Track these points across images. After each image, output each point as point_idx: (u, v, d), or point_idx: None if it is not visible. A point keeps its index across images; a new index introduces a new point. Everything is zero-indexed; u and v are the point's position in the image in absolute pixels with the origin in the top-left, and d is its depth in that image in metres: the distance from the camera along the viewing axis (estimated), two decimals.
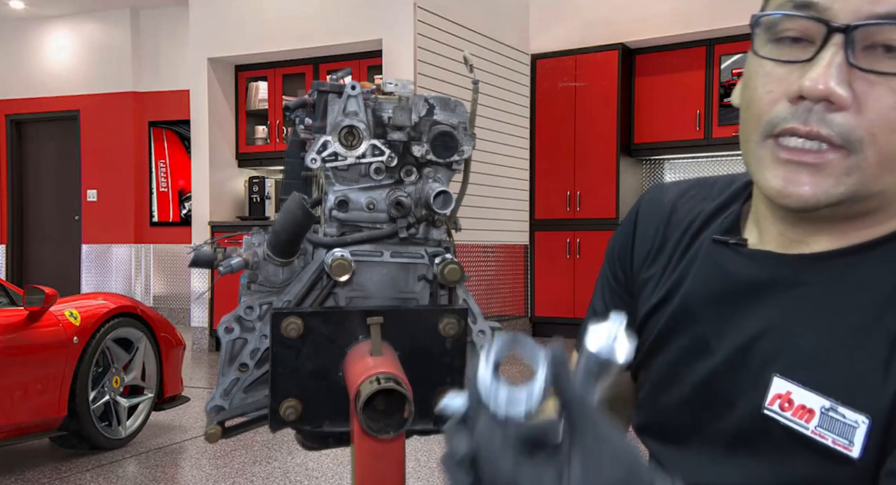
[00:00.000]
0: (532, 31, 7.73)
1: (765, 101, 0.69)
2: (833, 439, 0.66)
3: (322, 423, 0.87)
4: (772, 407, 0.70)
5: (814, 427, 0.68)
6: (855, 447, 0.65)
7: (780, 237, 0.76)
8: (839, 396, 0.67)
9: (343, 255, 0.88)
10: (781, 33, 0.69)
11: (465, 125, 0.94)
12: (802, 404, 0.68)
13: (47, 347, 3.78)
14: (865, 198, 0.68)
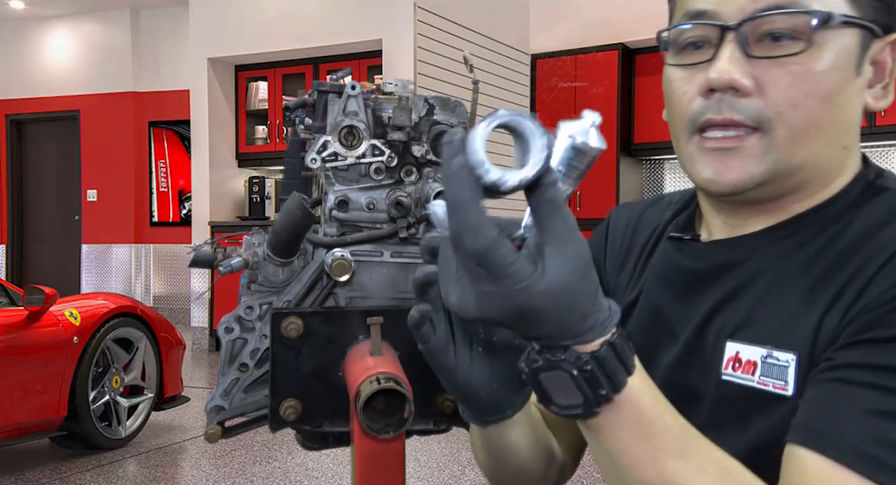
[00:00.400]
0: (532, 31, 7.74)
1: (683, 102, 0.79)
2: (773, 383, 0.74)
3: (322, 423, 0.87)
4: (727, 371, 0.77)
5: (758, 378, 0.75)
6: (789, 386, 0.73)
7: (724, 226, 0.84)
8: (774, 343, 0.74)
9: (343, 255, 0.88)
10: (684, 42, 0.79)
11: (465, 125, 0.94)
12: (748, 359, 0.76)
13: (47, 347, 3.78)
14: (786, 174, 0.76)
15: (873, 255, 0.72)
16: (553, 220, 0.56)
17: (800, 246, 0.78)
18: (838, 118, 0.76)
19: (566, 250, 0.56)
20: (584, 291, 0.58)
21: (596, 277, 0.59)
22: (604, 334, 0.60)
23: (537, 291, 0.56)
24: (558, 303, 0.57)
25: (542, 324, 0.58)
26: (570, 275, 0.57)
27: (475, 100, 0.96)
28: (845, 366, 0.68)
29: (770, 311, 0.76)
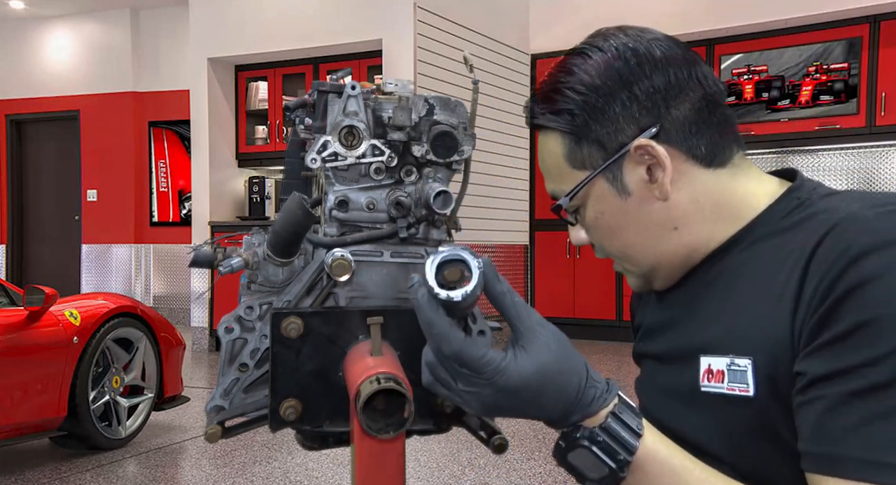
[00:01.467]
0: (532, 31, 7.73)
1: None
2: (738, 387, 0.84)
3: (322, 423, 0.87)
4: (704, 383, 0.88)
5: (727, 384, 0.85)
6: (749, 387, 0.82)
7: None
8: (734, 351, 0.85)
9: (343, 255, 0.88)
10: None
11: (465, 125, 0.94)
12: (718, 369, 0.86)
13: (47, 347, 3.78)
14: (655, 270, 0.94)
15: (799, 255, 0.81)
16: (520, 319, 0.72)
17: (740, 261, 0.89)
18: (643, 227, 0.90)
19: (536, 339, 0.72)
20: (567, 368, 0.72)
21: (578, 355, 0.74)
22: (606, 406, 0.74)
23: (512, 371, 0.70)
24: (542, 380, 0.71)
25: (540, 404, 0.72)
26: (545, 356, 0.71)
27: (475, 100, 0.96)
28: (817, 380, 0.74)
29: (727, 324, 0.87)
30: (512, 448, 4.07)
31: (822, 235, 0.79)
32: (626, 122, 0.87)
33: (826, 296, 0.75)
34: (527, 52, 7.68)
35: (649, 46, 0.88)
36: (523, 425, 4.65)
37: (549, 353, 0.72)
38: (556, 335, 0.73)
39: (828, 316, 0.74)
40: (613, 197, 0.90)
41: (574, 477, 0.76)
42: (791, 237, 0.84)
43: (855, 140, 6.60)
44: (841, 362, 0.72)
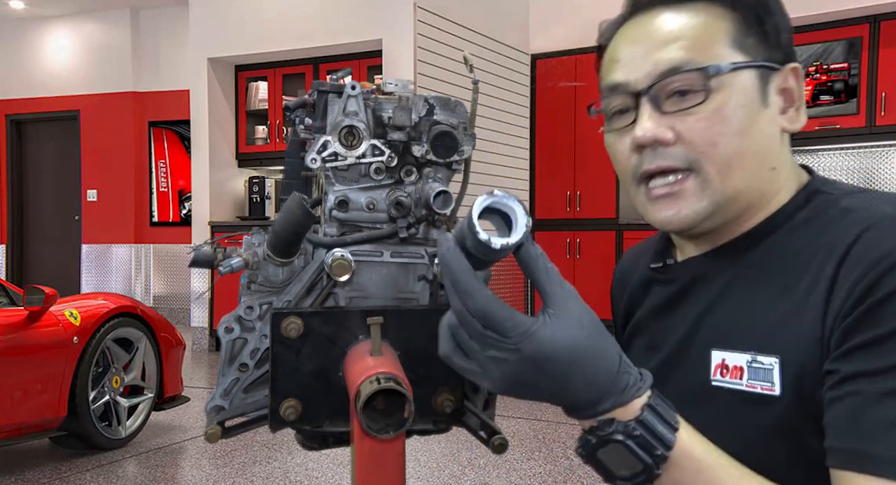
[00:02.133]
0: (532, 31, 7.73)
1: (623, 160, 0.91)
2: (760, 385, 0.81)
3: (322, 423, 0.87)
4: (716, 377, 0.86)
5: (746, 381, 0.83)
6: (776, 386, 0.80)
7: (694, 249, 0.96)
8: (756, 348, 0.83)
9: (343, 255, 0.88)
10: (611, 112, 0.92)
11: (465, 125, 0.94)
12: (735, 365, 0.84)
13: (47, 347, 3.78)
14: (726, 203, 0.87)
15: (830, 252, 0.79)
16: (552, 286, 0.67)
17: (762, 254, 0.87)
18: (756, 147, 0.86)
19: (567, 308, 0.66)
20: (597, 346, 0.67)
21: (611, 337, 0.68)
22: (639, 396, 0.70)
23: (542, 338, 0.65)
24: (571, 354, 0.66)
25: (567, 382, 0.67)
26: (576, 330, 0.66)
27: (475, 100, 0.96)
28: (852, 377, 0.73)
29: (747, 318, 0.85)
30: (512, 448, 4.07)
31: (856, 235, 0.78)
32: (783, 40, 0.88)
33: (863, 298, 0.73)
34: (527, 52, 7.68)
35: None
36: (523, 424, 4.66)
37: (582, 328, 0.66)
38: (589, 313, 0.68)
39: (865, 318, 0.73)
40: (755, 97, 0.86)
41: (601, 474, 0.72)
42: (816, 233, 0.83)
43: (855, 140, 6.60)
44: (880, 362, 0.71)
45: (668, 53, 0.86)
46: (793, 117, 0.89)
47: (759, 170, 0.87)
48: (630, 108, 0.89)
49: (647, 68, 0.87)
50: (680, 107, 0.85)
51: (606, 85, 0.91)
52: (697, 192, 0.86)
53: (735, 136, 0.85)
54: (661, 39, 0.87)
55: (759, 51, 0.87)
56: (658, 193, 0.88)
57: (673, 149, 0.86)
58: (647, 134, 0.86)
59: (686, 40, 0.86)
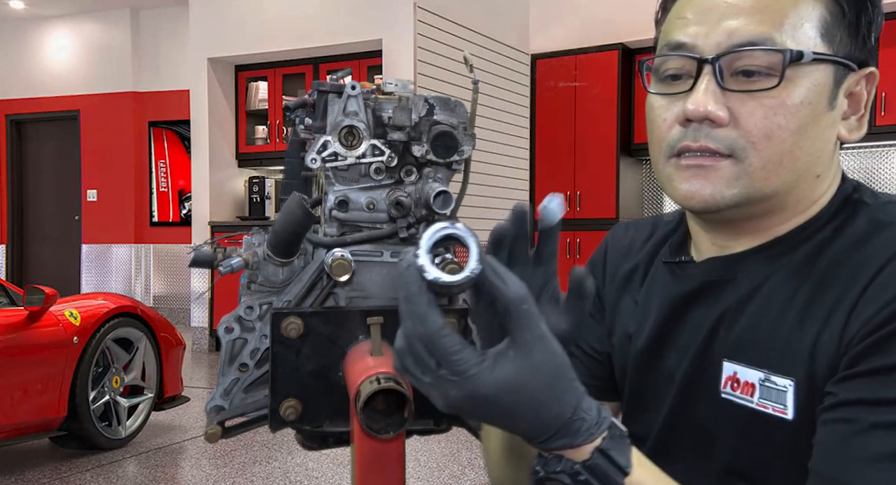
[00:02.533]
0: (532, 31, 7.73)
1: (662, 128, 0.82)
2: (772, 406, 0.78)
3: (322, 423, 0.87)
4: (726, 390, 0.81)
5: (757, 400, 0.79)
6: (788, 409, 0.76)
7: (712, 246, 0.88)
8: (771, 366, 0.78)
9: (343, 255, 0.88)
10: (664, 73, 0.83)
11: (465, 125, 0.94)
12: (746, 381, 0.80)
13: (47, 347, 3.78)
14: (760, 199, 0.80)
15: (857, 273, 0.75)
16: (521, 331, 0.61)
17: (787, 265, 0.81)
18: (811, 150, 0.79)
19: (528, 356, 0.60)
20: (552, 395, 0.62)
21: (575, 386, 0.63)
22: (592, 441, 0.64)
23: (483, 381, 0.60)
24: (516, 399, 0.61)
25: (511, 422, 0.63)
26: (526, 377, 0.60)
27: (475, 100, 0.96)
28: (848, 403, 0.70)
29: (764, 332, 0.80)
30: None
31: (886, 260, 0.73)
32: (871, 39, 0.81)
33: (883, 325, 0.70)
34: (527, 52, 7.68)
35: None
36: None
37: (536, 375, 0.61)
38: (553, 359, 0.62)
39: (876, 346, 0.70)
40: (826, 96, 0.79)
41: None
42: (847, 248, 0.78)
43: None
44: (878, 393, 0.69)
45: (749, 24, 0.77)
46: (853, 126, 0.83)
47: (804, 175, 0.80)
48: (688, 74, 0.80)
49: (719, 36, 0.78)
50: (744, 87, 0.77)
51: (668, 42, 0.82)
52: (731, 178, 0.79)
53: (793, 133, 0.77)
54: (743, 6, 0.77)
55: (845, 45, 0.80)
56: (689, 163, 0.80)
57: (723, 131, 0.78)
58: (699, 108, 0.77)
59: (771, 14, 0.77)
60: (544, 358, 0.61)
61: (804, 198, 0.82)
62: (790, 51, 0.76)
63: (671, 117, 0.81)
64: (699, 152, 0.79)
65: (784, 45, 0.76)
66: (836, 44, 0.79)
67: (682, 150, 0.80)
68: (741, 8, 0.77)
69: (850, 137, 0.83)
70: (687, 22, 0.80)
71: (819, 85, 0.78)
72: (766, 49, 0.76)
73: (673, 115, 0.81)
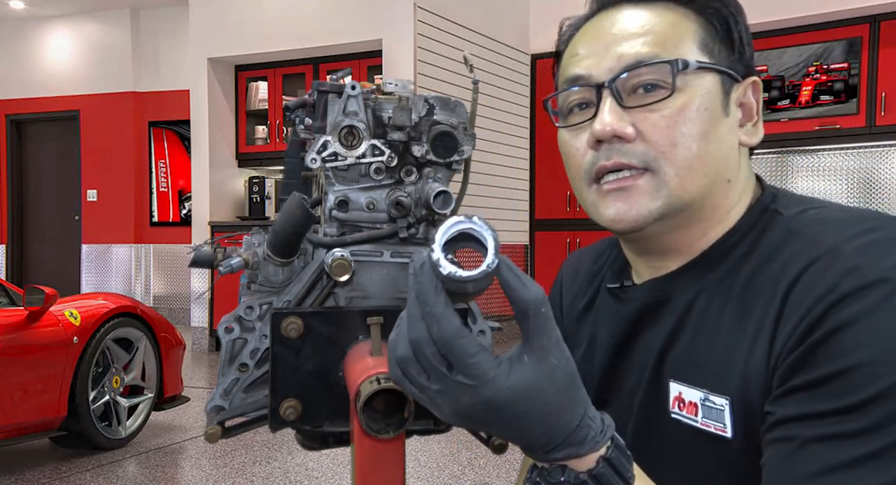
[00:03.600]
0: (532, 31, 7.73)
1: (577, 157, 0.87)
2: (714, 425, 0.79)
3: (322, 423, 0.87)
4: (674, 410, 0.83)
5: (701, 419, 0.80)
6: (727, 428, 0.78)
7: (648, 269, 0.92)
8: (708, 386, 0.80)
9: (343, 255, 0.88)
10: (569, 106, 0.88)
11: (465, 125, 0.94)
12: (690, 401, 0.82)
13: (47, 347, 3.78)
14: (680, 208, 0.83)
15: (774, 286, 0.76)
16: (538, 335, 0.60)
17: (712, 281, 0.84)
18: (717, 154, 0.83)
19: (544, 361, 0.60)
20: (564, 402, 0.61)
21: (583, 393, 0.63)
22: (597, 449, 0.64)
23: (500, 386, 0.59)
24: (530, 406, 0.60)
25: (521, 430, 0.62)
26: (544, 383, 0.60)
27: (475, 100, 0.96)
28: (784, 421, 0.71)
29: (701, 351, 0.82)
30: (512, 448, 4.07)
31: (799, 270, 0.75)
32: (746, 52, 0.87)
33: (803, 339, 0.72)
34: (527, 52, 7.68)
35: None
36: None
37: (552, 381, 0.60)
38: (566, 365, 0.61)
39: (803, 360, 0.71)
40: (718, 103, 0.84)
41: None
42: (765, 259, 0.80)
43: (855, 140, 6.61)
44: (811, 407, 0.70)
45: (634, 47, 0.83)
46: (750, 132, 0.88)
47: (716, 179, 0.84)
48: (590, 102, 0.86)
49: (610, 62, 0.84)
50: (642, 102, 0.82)
51: (566, 78, 0.88)
52: (651, 191, 0.82)
53: (696, 138, 0.82)
54: (626, 34, 0.84)
55: (725, 57, 0.85)
56: (610, 187, 0.84)
57: (632, 146, 0.82)
58: (605, 128, 0.82)
59: (653, 36, 0.84)
60: (559, 364, 0.61)
61: (719, 205, 0.85)
62: (677, 60, 0.81)
63: (582, 145, 0.86)
64: (615, 171, 0.83)
65: (668, 57, 0.82)
66: (717, 56, 0.84)
67: (600, 171, 0.84)
68: (626, 35, 0.84)
69: (750, 141, 0.87)
70: (580, 57, 0.87)
71: (710, 92, 0.83)
72: (654, 63, 0.82)
73: (583, 143, 0.86)
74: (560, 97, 0.89)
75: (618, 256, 1.00)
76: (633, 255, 0.94)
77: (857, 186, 6.82)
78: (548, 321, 0.60)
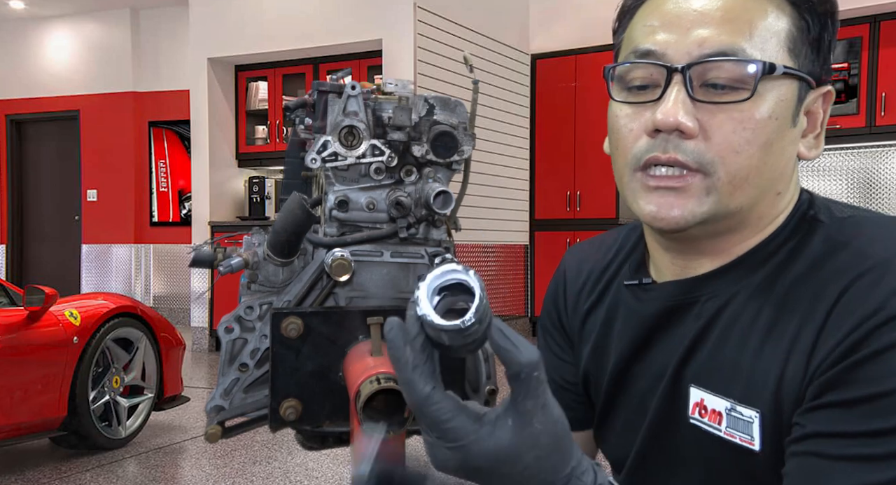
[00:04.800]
0: (532, 31, 7.73)
1: (628, 139, 0.80)
2: (739, 436, 0.76)
3: (322, 423, 0.87)
4: (694, 416, 0.81)
5: (724, 428, 0.78)
6: (755, 441, 0.75)
7: (671, 267, 0.86)
8: (736, 396, 0.77)
9: (343, 255, 0.88)
10: (630, 83, 0.80)
11: (465, 125, 0.94)
12: (713, 409, 0.79)
13: (47, 347, 3.78)
14: (725, 215, 0.78)
15: (817, 298, 0.73)
16: (526, 398, 0.58)
17: (747, 287, 0.80)
18: (775, 166, 0.78)
19: (528, 426, 0.58)
20: (546, 466, 0.59)
21: (571, 452, 0.60)
22: None
23: (479, 451, 0.57)
24: (510, 470, 0.58)
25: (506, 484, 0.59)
26: (523, 450, 0.58)
27: (475, 100, 0.96)
28: (816, 436, 0.70)
29: (729, 359, 0.78)
30: None
31: (846, 284, 0.72)
32: (829, 59, 0.81)
33: (845, 356, 0.69)
34: (527, 52, 7.68)
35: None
36: None
37: (532, 448, 0.58)
38: (554, 428, 0.59)
39: (842, 377, 0.69)
40: (789, 112, 0.77)
41: None
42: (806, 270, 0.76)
43: (855, 140, 6.61)
44: (845, 426, 0.68)
45: (720, 34, 0.75)
46: (811, 144, 0.82)
47: (766, 191, 0.79)
48: (655, 83, 0.78)
49: (690, 45, 0.75)
50: (714, 98, 0.75)
51: (635, 49, 0.79)
52: (700, 194, 0.77)
53: (760, 148, 0.76)
54: (713, 15, 0.75)
55: (809, 61, 0.79)
56: (658, 183, 0.78)
57: (692, 143, 0.76)
58: (669, 118, 0.75)
59: (741, 25, 0.75)
60: (544, 428, 0.59)
61: (765, 215, 0.81)
62: (763, 63, 0.74)
63: (637, 127, 0.79)
64: (667, 166, 0.77)
65: (753, 57, 0.74)
66: (801, 59, 0.78)
67: (651, 162, 0.78)
68: (711, 17, 0.75)
69: (808, 155, 0.82)
70: (654, 29, 0.78)
71: (785, 100, 0.77)
72: (739, 60, 0.74)
73: (640, 126, 0.79)
74: (623, 68, 0.81)
75: (635, 248, 0.95)
76: (659, 249, 0.88)
77: (857, 186, 6.82)
78: (539, 385, 0.58)
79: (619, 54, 0.85)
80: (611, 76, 0.82)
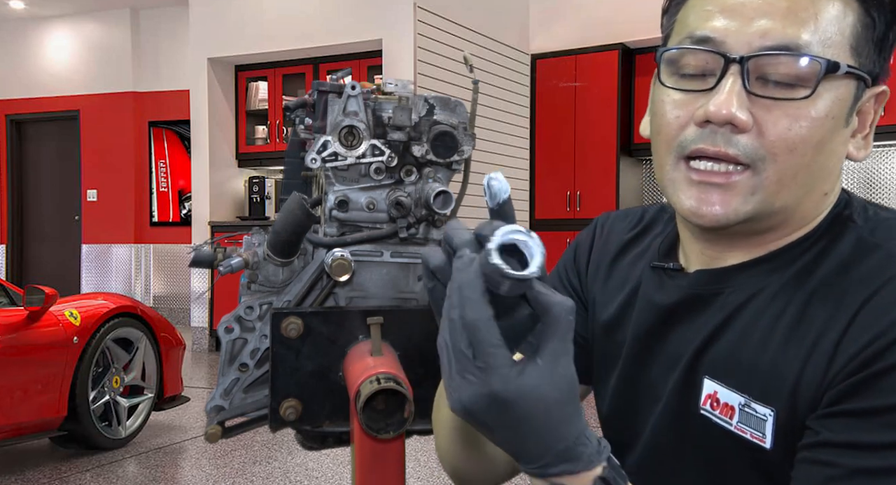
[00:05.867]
0: (532, 31, 7.73)
1: (674, 127, 0.76)
2: (751, 432, 0.75)
3: (322, 423, 0.87)
4: (705, 407, 0.79)
5: (736, 423, 0.76)
6: (767, 439, 0.74)
7: (701, 256, 0.84)
8: (752, 393, 0.75)
9: (343, 255, 0.88)
10: (682, 69, 0.77)
11: (465, 125, 0.94)
12: (726, 403, 0.77)
13: (47, 347, 3.78)
14: (769, 214, 0.76)
15: (843, 300, 0.72)
16: (553, 341, 0.59)
17: (776, 283, 0.78)
18: (824, 165, 0.76)
19: (554, 368, 0.59)
20: (562, 415, 0.60)
21: (580, 414, 0.61)
22: (592, 468, 0.62)
23: (508, 382, 0.58)
24: (531, 409, 0.59)
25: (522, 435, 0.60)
26: (548, 389, 0.59)
27: (475, 100, 0.96)
28: (829, 445, 0.69)
29: (748, 354, 0.77)
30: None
31: (875, 289, 0.70)
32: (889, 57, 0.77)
33: (867, 364, 0.67)
34: (527, 52, 7.67)
35: None
36: None
37: (555, 390, 0.59)
38: (572, 378, 0.60)
39: (863, 385, 0.68)
40: (845, 111, 0.75)
41: None
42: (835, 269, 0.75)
43: None
44: (859, 436, 0.67)
45: (784, 27, 0.71)
46: (860, 144, 0.80)
47: (813, 191, 0.77)
48: (711, 72, 0.74)
49: (751, 35, 0.72)
50: (772, 93, 0.72)
51: (691, 34, 0.75)
52: (746, 192, 0.74)
53: (813, 147, 0.73)
54: (778, 5, 0.72)
55: (870, 60, 0.75)
56: (702, 178, 0.75)
57: (743, 138, 0.72)
58: (723, 111, 0.71)
59: (806, 18, 0.72)
60: (565, 375, 0.59)
61: (808, 215, 0.78)
62: (827, 61, 0.71)
63: (686, 116, 0.75)
64: (714, 161, 0.74)
65: (817, 54, 0.71)
66: (863, 57, 0.75)
67: (696, 153, 0.75)
68: (777, 8, 0.72)
69: (857, 156, 0.80)
70: (712, 14, 0.74)
71: (842, 99, 0.74)
72: (801, 55, 0.71)
73: (688, 114, 0.75)
74: (676, 52, 0.77)
75: (665, 230, 0.93)
76: (690, 237, 0.85)
77: (857, 186, 6.81)
78: (569, 331, 0.58)
79: (669, 38, 0.81)
80: (663, 60, 0.78)
